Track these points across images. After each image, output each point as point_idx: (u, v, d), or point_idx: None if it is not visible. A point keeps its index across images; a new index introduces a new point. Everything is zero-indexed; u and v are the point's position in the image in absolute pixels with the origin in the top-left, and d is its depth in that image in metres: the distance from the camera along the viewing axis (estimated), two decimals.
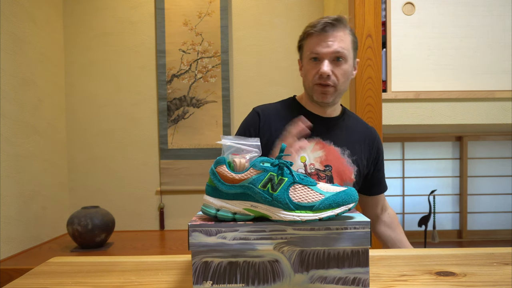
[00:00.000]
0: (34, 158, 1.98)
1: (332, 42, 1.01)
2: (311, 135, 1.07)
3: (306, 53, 1.05)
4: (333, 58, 1.01)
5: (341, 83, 1.03)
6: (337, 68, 1.02)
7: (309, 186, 0.59)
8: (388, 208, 1.25)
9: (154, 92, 2.36)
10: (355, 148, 1.11)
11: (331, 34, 1.01)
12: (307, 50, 1.05)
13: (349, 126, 1.13)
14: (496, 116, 1.62)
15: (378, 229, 1.23)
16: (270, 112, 1.11)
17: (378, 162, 1.18)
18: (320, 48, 1.01)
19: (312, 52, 1.03)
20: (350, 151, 1.10)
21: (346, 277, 0.59)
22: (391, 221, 1.23)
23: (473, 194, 2.64)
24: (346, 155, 1.09)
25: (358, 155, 1.11)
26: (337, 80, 1.02)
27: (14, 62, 1.84)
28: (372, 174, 1.17)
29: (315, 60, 1.03)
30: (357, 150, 1.11)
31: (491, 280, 0.65)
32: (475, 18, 1.61)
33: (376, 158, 1.17)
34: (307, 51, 1.05)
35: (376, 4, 1.56)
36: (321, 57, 1.01)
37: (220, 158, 0.61)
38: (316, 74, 1.02)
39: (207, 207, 0.61)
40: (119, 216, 2.31)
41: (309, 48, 1.04)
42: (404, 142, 2.63)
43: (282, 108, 1.13)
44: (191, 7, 2.32)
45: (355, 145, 1.11)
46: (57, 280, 0.70)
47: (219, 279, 0.59)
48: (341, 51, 1.01)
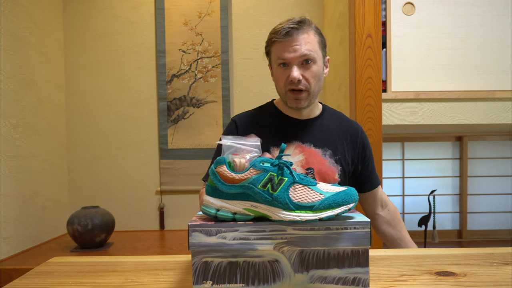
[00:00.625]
0: (34, 158, 1.98)
1: (298, 46, 0.99)
2: (289, 139, 1.07)
3: (274, 59, 1.04)
4: (301, 62, 1.00)
5: (313, 86, 1.03)
6: (307, 71, 1.01)
7: (309, 186, 0.59)
8: (389, 204, 1.23)
9: (154, 92, 2.36)
10: (337, 147, 1.09)
11: (295, 38, 0.99)
12: (275, 57, 1.03)
13: (329, 125, 1.12)
14: (496, 116, 1.62)
15: (379, 227, 1.22)
16: (247, 120, 1.12)
17: (365, 157, 1.15)
18: (286, 54, 1.00)
19: (279, 58, 1.01)
20: (332, 151, 1.08)
21: (346, 277, 0.59)
22: (392, 217, 1.21)
23: (473, 194, 2.64)
24: (328, 156, 1.08)
25: (341, 154, 1.09)
26: (308, 83, 1.01)
27: (14, 62, 1.84)
28: (360, 171, 1.15)
29: (284, 65, 1.02)
30: (339, 148, 1.10)
31: (491, 280, 0.65)
32: (475, 18, 1.61)
33: (362, 153, 1.14)
34: (274, 58, 1.04)
35: (376, 4, 1.56)
36: (288, 62, 1.00)
37: (220, 158, 0.61)
38: (287, 80, 1.01)
39: (207, 207, 0.61)
40: (119, 216, 2.31)
41: (277, 55, 1.02)
42: (404, 142, 2.63)
43: (260, 114, 1.13)
44: (191, 7, 2.32)
45: (337, 143, 1.10)
46: (57, 280, 0.70)
47: (219, 279, 0.59)
48: (308, 53, 0.99)
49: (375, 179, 1.19)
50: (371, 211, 1.22)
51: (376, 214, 1.22)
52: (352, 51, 1.63)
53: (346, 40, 1.78)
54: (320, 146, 1.08)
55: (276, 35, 1.01)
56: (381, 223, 1.21)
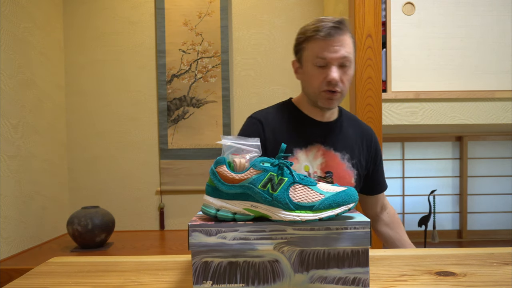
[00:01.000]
0: (34, 158, 1.98)
1: (339, 47, 0.97)
2: (312, 142, 1.06)
3: (310, 58, 1.00)
4: (340, 64, 0.98)
5: (346, 88, 1.02)
6: (344, 74, 0.99)
7: (309, 186, 0.59)
8: (388, 207, 1.24)
9: (154, 92, 2.36)
10: (354, 151, 1.10)
11: (337, 39, 0.96)
12: (312, 55, 0.99)
13: (347, 128, 1.12)
14: (496, 116, 1.62)
15: (378, 229, 1.23)
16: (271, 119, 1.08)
17: (376, 162, 1.17)
18: (327, 54, 0.97)
19: (318, 57, 0.98)
20: (349, 155, 1.09)
21: (346, 277, 0.59)
22: (391, 220, 1.22)
23: (473, 194, 2.64)
24: (346, 160, 1.08)
25: (357, 158, 1.10)
26: (343, 85, 1.00)
27: (14, 62, 1.84)
28: (371, 174, 1.16)
29: (321, 65, 0.99)
30: (356, 153, 1.10)
31: (491, 280, 0.65)
32: (475, 18, 1.61)
33: (374, 158, 1.16)
34: (311, 56, 1.00)
35: (376, 4, 1.56)
36: (328, 62, 0.97)
37: (220, 158, 0.61)
38: (324, 81, 0.98)
39: (207, 207, 0.61)
40: (119, 216, 2.31)
41: (315, 53, 0.98)
42: (404, 142, 2.63)
43: (281, 114, 1.10)
44: (191, 7, 2.32)
45: (354, 148, 1.10)
46: (57, 280, 0.70)
47: (219, 279, 0.59)
48: (347, 55, 0.98)
49: (383, 182, 1.21)
50: (372, 213, 1.23)
51: (377, 216, 1.23)
52: None
53: None
54: (340, 149, 1.08)
55: (317, 32, 0.97)
56: (381, 225, 1.23)
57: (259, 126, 1.06)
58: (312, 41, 0.99)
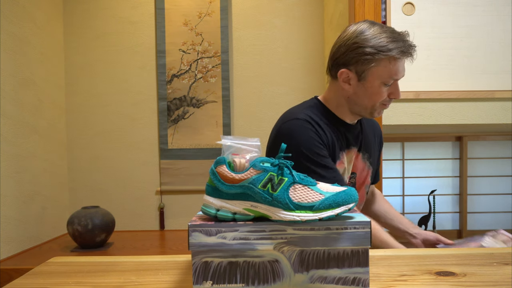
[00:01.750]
0: (34, 158, 1.98)
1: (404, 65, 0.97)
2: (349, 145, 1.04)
3: (383, 75, 0.94)
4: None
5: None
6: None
7: (309, 186, 0.59)
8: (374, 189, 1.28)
9: (154, 92, 2.36)
10: (371, 149, 1.12)
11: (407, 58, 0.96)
12: (386, 73, 0.93)
13: (366, 128, 1.13)
14: (496, 116, 1.62)
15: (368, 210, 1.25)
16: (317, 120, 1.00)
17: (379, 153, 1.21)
18: (401, 75, 0.96)
19: (392, 78, 0.95)
20: (368, 154, 1.11)
21: (346, 277, 0.59)
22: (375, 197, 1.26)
23: (473, 194, 2.64)
24: (366, 159, 1.10)
25: (373, 156, 1.13)
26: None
27: (14, 62, 1.84)
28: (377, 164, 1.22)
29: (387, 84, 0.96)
30: (372, 150, 1.13)
31: (491, 280, 0.65)
32: (475, 18, 1.61)
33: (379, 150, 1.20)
34: (385, 74, 0.94)
35: (376, 4, 1.56)
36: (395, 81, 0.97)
37: (220, 158, 0.61)
38: (386, 97, 0.98)
39: (207, 207, 0.61)
40: (119, 216, 2.31)
41: (391, 74, 0.94)
42: (404, 142, 2.62)
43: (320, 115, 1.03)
44: (191, 7, 2.32)
45: (371, 146, 1.13)
46: (57, 280, 0.70)
47: (219, 279, 0.59)
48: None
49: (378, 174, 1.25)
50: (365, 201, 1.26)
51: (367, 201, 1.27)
52: None
53: None
54: (362, 150, 1.10)
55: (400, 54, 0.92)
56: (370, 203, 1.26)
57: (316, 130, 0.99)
58: (389, 61, 0.93)
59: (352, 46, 0.94)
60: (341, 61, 0.97)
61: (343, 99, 1.02)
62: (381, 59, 0.91)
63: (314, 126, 0.97)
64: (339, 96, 1.02)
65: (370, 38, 0.92)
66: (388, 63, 0.92)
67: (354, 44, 0.93)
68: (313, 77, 2.38)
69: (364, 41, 0.92)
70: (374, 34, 0.92)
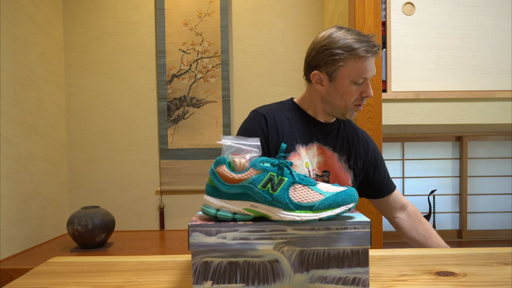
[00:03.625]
0: (34, 158, 1.98)
1: (373, 64, 1.00)
2: (312, 140, 1.07)
3: (351, 74, 0.98)
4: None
5: None
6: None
7: (309, 186, 0.59)
8: (408, 206, 1.22)
9: (154, 92, 2.36)
10: (351, 153, 1.12)
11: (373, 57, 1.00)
12: (354, 71, 0.98)
13: (345, 131, 1.14)
14: (496, 116, 1.62)
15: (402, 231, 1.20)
16: (274, 114, 1.08)
17: (377, 164, 1.18)
18: (371, 73, 0.99)
19: (361, 76, 0.98)
20: (346, 157, 1.11)
21: (346, 277, 0.59)
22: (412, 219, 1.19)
23: (473, 194, 2.64)
24: (343, 161, 1.10)
25: (354, 160, 1.12)
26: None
27: (14, 62, 1.84)
28: (374, 177, 1.17)
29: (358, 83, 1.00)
30: (353, 155, 1.12)
31: (491, 280, 0.65)
32: (475, 18, 1.61)
33: (374, 160, 1.17)
34: (353, 73, 0.98)
35: (376, 4, 1.56)
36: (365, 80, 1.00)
37: (220, 158, 0.61)
38: (359, 96, 1.02)
39: (207, 207, 0.61)
40: (119, 216, 2.31)
41: (358, 72, 0.98)
42: (404, 142, 2.62)
43: (284, 110, 1.11)
44: (191, 7, 2.32)
45: (351, 150, 1.12)
46: (57, 280, 0.70)
47: (219, 279, 0.59)
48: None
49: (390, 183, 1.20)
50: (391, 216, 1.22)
51: (396, 217, 1.21)
52: None
53: None
54: (338, 150, 1.10)
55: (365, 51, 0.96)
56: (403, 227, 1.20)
57: (262, 120, 1.06)
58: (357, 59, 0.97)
59: (321, 48, 1.00)
60: (313, 64, 1.04)
61: (317, 99, 1.08)
62: (348, 58, 0.97)
63: (265, 120, 1.05)
64: (313, 97, 1.09)
65: (337, 40, 0.98)
66: (354, 61, 0.97)
67: (323, 46, 1.00)
68: None
69: (332, 43, 0.98)
70: (341, 36, 0.98)
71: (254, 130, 1.06)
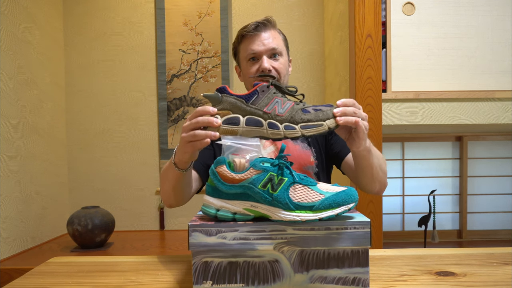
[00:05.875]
0: (34, 158, 1.98)
1: (267, 40, 1.05)
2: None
3: (243, 55, 1.08)
4: (270, 55, 1.05)
5: (282, 77, 1.07)
6: (276, 63, 1.05)
7: (309, 186, 0.59)
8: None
9: (154, 92, 2.36)
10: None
11: (263, 33, 1.05)
12: (244, 52, 1.08)
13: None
14: (496, 116, 1.62)
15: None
16: None
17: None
18: (257, 47, 1.05)
19: (249, 52, 1.05)
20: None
21: (346, 277, 0.59)
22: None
23: (473, 194, 2.64)
24: (299, 141, 1.11)
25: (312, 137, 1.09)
26: (278, 73, 1.05)
27: (14, 62, 1.84)
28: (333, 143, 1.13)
29: (253, 59, 1.06)
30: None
31: (491, 280, 0.65)
32: (475, 18, 1.61)
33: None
34: (243, 53, 1.08)
35: (376, 4, 1.56)
36: (258, 55, 1.05)
37: (220, 158, 0.61)
38: (257, 72, 1.05)
39: (207, 207, 0.61)
40: (119, 216, 2.31)
41: (246, 49, 1.06)
42: (404, 142, 2.62)
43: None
44: (191, 7, 2.32)
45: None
46: (57, 280, 0.70)
47: (219, 279, 0.59)
48: (276, 47, 1.05)
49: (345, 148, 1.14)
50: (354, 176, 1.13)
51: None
52: (352, 51, 1.63)
53: (346, 40, 1.78)
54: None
55: (244, 29, 1.06)
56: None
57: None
58: (243, 40, 1.08)
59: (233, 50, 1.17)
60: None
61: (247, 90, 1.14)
62: (240, 43, 1.10)
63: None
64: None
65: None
66: (244, 42, 1.08)
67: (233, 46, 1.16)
68: (313, 77, 2.38)
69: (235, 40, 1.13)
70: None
71: None
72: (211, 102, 0.70)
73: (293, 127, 0.65)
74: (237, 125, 0.66)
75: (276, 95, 0.68)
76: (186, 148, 0.72)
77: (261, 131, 0.66)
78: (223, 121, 0.66)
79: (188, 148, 0.71)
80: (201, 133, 0.68)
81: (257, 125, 0.66)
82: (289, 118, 0.65)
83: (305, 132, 0.65)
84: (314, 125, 0.65)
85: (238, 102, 0.67)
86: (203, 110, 0.70)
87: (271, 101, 0.67)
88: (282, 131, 0.65)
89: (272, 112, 0.66)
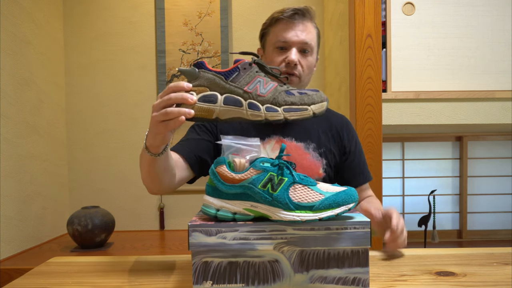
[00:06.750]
0: (34, 158, 1.98)
1: (301, 31, 0.97)
2: (270, 133, 1.01)
3: (272, 41, 1.00)
4: (300, 49, 0.98)
5: (305, 75, 1.00)
6: (303, 59, 0.98)
7: (309, 186, 0.59)
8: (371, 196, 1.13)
9: (154, 92, 2.36)
10: (321, 140, 1.03)
11: (300, 23, 0.97)
12: (274, 37, 0.99)
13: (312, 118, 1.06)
14: (496, 116, 1.62)
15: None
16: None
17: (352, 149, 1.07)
18: (289, 36, 0.96)
19: (279, 39, 0.98)
20: (315, 144, 1.02)
21: (346, 277, 0.59)
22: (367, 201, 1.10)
23: (473, 194, 2.64)
24: (311, 149, 1.02)
25: (325, 147, 1.03)
26: (302, 70, 0.98)
27: (14, 62, 1.84)
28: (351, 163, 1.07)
29: (282, 49, 0.98)
30: (324, 141, 1.03)
31: (491, 280, 0.65)
32: (475, 18, 1.61)
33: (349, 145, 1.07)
34: (273, 38, 0.99)
35: (376, 4, 1.56)
36: (289, 45, 0.97)
37: (220, 158, 0.61)
38: (282, 63, 0.98)
39: (207, 207, 0.61)
40: (119, 216, 2.31)
41: (276, 35, 0.98)
42: (404, 142, 2.62)
43: None
44: (191, 7, 2.32)
45: (321, 136, 1.04)
46: (57, 280, 0.70)
47: (219, 279, 0.59)
48: (309, 42, 0.97)
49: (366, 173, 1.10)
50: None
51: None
52: (352, 51, 1.63)
53: (346, 40, 1.78)
54: (302, 139, 1.02)
55: (281, 13, 0.97)
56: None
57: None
58: (276, 24, 0.99)
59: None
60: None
61: None
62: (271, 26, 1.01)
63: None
64: None
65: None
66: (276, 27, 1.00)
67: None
68: (313, 77, 2.37)
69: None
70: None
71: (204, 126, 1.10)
72: (187, 77, 0.63)
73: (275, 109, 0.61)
74: (214, 103, 0.61)
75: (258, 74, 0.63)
76: (158, 129, 0.64)
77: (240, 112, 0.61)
78: (199, 98, 0.61)
79: (159, 128, 0.64)
80: (173, 110, 0.61)
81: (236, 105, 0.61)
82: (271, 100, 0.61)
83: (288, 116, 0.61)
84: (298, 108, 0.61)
85: (217, 79, 0.62)
86: (177, 85, 0.63)
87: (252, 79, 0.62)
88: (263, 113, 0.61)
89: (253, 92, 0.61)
